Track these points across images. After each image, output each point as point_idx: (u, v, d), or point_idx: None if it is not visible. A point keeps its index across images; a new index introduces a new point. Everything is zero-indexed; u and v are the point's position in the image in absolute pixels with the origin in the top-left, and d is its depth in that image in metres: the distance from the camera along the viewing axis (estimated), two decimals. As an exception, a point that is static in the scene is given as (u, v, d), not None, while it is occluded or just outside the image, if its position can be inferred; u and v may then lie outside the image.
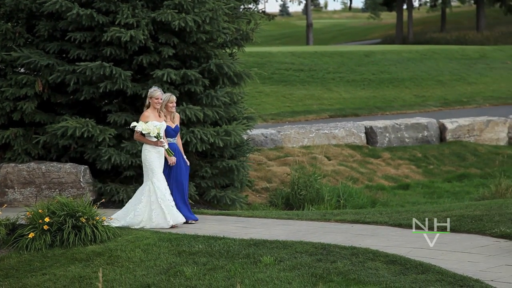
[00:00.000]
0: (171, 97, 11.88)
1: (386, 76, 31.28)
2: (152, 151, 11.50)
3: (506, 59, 35.41)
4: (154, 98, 11.56)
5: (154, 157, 11.48)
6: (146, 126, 11.32)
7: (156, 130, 11.33)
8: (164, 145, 11.52)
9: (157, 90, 11.63)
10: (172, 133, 11.85)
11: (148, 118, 11.47)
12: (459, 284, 7.79)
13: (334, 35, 68.24)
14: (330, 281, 8.13)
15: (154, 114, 11.56)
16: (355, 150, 20.84)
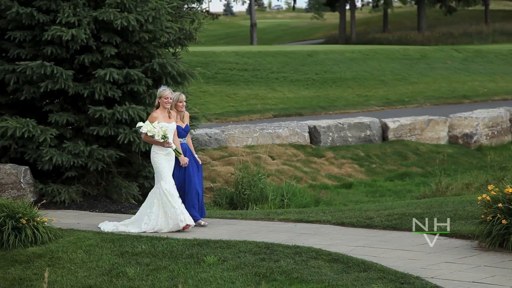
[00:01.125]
0: (181, 96, 11.48)
1: (330, 76, 31.50)
2: (159, 152, 11.07)
3: (446, 59, 35.95)
4: (163, 97, 11.09)
5: (161, 159, 11.06)
6: (151, 128, 10.88)
7: (161, 132, 10.87)
8: (171, 145, 11.07)
9: (166, 89, 11.18)
10: (182, 133, 11.47)
11: (156, 119, 11.03)
12: (400, 282, 7.88)
13: (278, 35, 68.47)
14: (273, 280, 8.15)
15: (164, 115, 11.11)
16: (299, 150, 20.94)
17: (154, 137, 10.88)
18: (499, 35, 48.46)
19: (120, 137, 13.83)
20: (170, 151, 11.06)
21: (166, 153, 11.07)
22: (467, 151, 22.36)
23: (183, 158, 11.29)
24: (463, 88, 31.64)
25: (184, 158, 11.31)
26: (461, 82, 32.64)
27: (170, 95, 11.13)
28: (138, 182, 14.46)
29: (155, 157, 11.06)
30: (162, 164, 11.03)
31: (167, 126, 10.99)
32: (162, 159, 11.04)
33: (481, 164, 20.75)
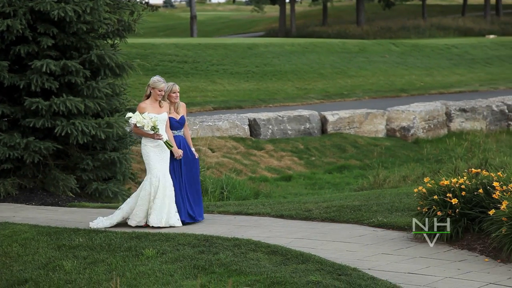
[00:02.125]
0: (174, 87, 10.96)
1: (269, 68, 31.58)
2: (148, 145, 10.63)
3: (384, 53, 36.36)
4: (157, 89, 10.63)
5: (150, 151, 10.63)
6: (141, 118, 10.42)
7: (151, 123, 10.41)
8: (161, 137, 10.60)
9: (161, 81, 10.70)
10: (176, 125, 10.96)
11: (145, 109, 10.56)
12: (337, 273, 7.96)
13: (218, 28, 68.37)
14: (212, 273, 8.15)
15: (153, 106, 10.65)
16: (238, 142, 20.96)
17: (144, 129, 10.46)
18: (436, 30, 49.21)
19: (57, 129, 13.65)
20: (160, 142, 10.62)
21: (155, 145, 10.63)
22: (404, 144, 22.67)
23: (176, 150, 10.80)
24: (400, 81, 32.04)
25: (178, 150, 10.83)
26: (398, 75, 33.05)
27: (164, 87, 10.70)
28: (76, 174, 14.30)
29: (143, 149, 10.68)
30: (150, 157, 10.61)
31: (157, 117, 10.56)
32: (151, 151, 10.63)
33: (417, 156, 21.06)
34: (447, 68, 34.87)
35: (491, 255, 8.69)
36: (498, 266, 8.36)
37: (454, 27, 49.81)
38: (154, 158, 10.61)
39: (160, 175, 10.58)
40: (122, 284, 8.03)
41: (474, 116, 23.86)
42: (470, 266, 8.36)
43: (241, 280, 7.80)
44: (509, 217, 8.49)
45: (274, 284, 7.59)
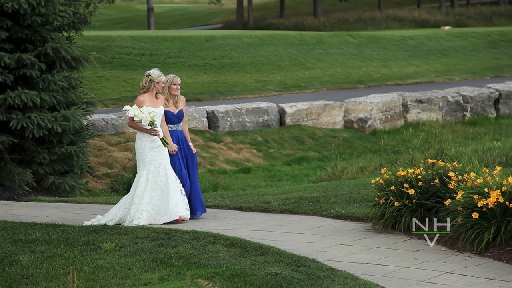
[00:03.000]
0: (175, 79, 10.56)
1: (227, 61, 31.54)
2: (144, 140, 10.24)
3: (341, 44, 36.52)
4: (161, 82, 10.26)
5: (145, 146, 10.23)
6: (139, 112, 9.99)
7: (149, 118, 10.00)
8: (158, 134, 10.18)
9: (161, 74, 10.32)
10: (173, 119, 10.57)
11: (143, 103, 10.15)
12: (296, 264, 7.99)
13: (176, 20, 68.06)
14: (171, 266, 8.13)
15: (151, 99, 10.26)
16: (197, 135, 20.90)
17: (141, 123, 10.05)
18: (392, 21, 49.54)
19: (13, 123, 13.50)
20: (155, 138, 10.23)
21: (151, 140, 10.23)
22: (362, 135, 22.82)
23: (171, 145, 10.44)
24: (357, 73, 32.22)
25: (173, 145, 10.45)
26: (356, 67, 33.23)
27: (164, 79, 10.36)
28: (32, 168, 14.15)
29: (138, 144, 10.30)
30: (146, 153, 10.24)
31: (155, 111, 10.17)
32: (147, 147, 10.25)
33: (375, 148, 21.21)
34: (404, 60, 35.15)
35: (447, 244, 8.80)
36: (454, 255, 8.47)
37: (410, 18, 50.20)
38: (150, 154, 10.24)
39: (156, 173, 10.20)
40: (80, 278, 7.97)
41: (430, 107, 24.09)
42: (427, 256, 8.46)
43: (200, 272, 7.79)
44: (465, 207, 8.61)
45: (233, 276, 7.60)
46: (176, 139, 10.56)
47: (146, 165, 10.25)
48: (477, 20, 50.11)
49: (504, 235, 8.36)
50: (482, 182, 8.69)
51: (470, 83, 28.04)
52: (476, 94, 24.81)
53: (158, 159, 10.26)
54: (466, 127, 23.22)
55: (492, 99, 25.05)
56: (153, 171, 10.24)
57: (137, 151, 10.33)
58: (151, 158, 10.24)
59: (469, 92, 24.86)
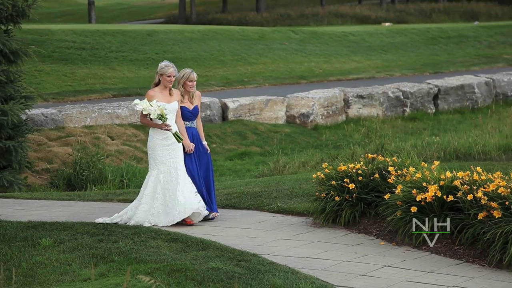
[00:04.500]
0: (192, 74, 10.05)
1: (170, 55, 31.36)
2: (156, 136, 9.76)
3: (283, 40, 36.63)
4: (166, 75, 9.74)
5: (157, 144, 9.75)
6: (147, 106, 9.55)
7: (158, 111, 9.53)
8: (170, 128, 9.68)
9: (169, 65, 9.81)
10: (189, 115, 10.04)
11: (153, 97, 9.70)
12: (237, 259, 8.00)
13: (117, 14, 67.45)
14: (111, 261, 8.07)
15: (163, 93, 9.77)
16: (139, 130, 20.75)
17: (150, 116, 9.60)
18: (334, 17, 49.89)
19: (-51, 118, 13.22)
20: (168, 135, 9.73)
21: (164, 137, 9.75)
22: (304, 131, 22.93)
23: (188, 144, 9.90)
24: (300, 68, 32.36)
25: (190, 143, 9.94)
26: (298, 62, 33.37)
27: (173, 73, 9.80)
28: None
29: (150, 142, 9.84)
30: (157, 151, 9.76)
31: (166, 105, 9.71)
32: (158, 144, 9.76)
33: (317, 143, 21.34)
34: (345, 55, 35.42)
35: (387, 238, 8.91)
36: (393, 249, 8.58)
37: (352, 14, 50.61)
38: (162, 153, 9.76)
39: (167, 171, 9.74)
40: (18, 275, 7.85)
41: (371, 102, 24.32)
42: (366, 250, 8.55)
43: (141, 268, 7.75)
44: (404, 201, 8.72)
45: (174, 272, 7.57)
46: (191, 137, 10.05)
47: (157, 164, 9.76)
48: (417, 16, 50.78)
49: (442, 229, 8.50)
50: (421, 176, 8.81)
51: (410, 79, 28.40)
52: (416, 90, 25.14)
53: (170, 158, 9.77)
54: (406, 122, 23.51)
55: (431, 94, 25.41)
56: (165, 170, 9.75)
57: (148, 149, 9.87)
58: (163, 157, 9.75)
59: (409, 88, 25.17)
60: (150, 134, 9.84)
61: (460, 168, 9.35)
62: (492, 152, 14.30)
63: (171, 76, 9.78)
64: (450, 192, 8.49)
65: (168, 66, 9.79)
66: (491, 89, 26.38)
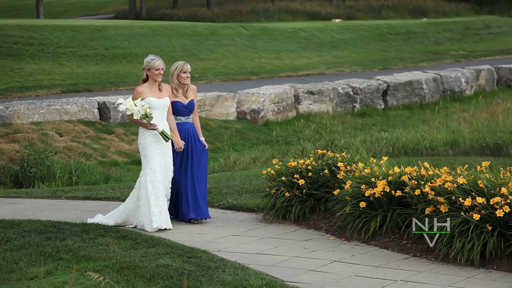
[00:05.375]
0: (185, 66, 9.54)
1: (119, 51, 31.15)
2: (146, 134, 9.27)
3: (234, 36, 36.62)
4: (153, 69, 9.22)
5: (148, 141, 9.24)
6: (131, 105, 9.02)
7: (141, 111, 9.02)
8: (156, 127, 9.19)
9: (155, 58, 9.30)
10: (183, 110, 9.56)
11: (141, 94, 9.18)
12: (187, 256, 7.99)
13: (66, 9, 66.72)
14: (59, 259, 7.98)
15: (152, 90, 9.26)
16: (88, 126, 20.57)
17: (133, 117, 9.11)
18: (284, 13, 50.02)
19: None
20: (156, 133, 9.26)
21: (155, 135, 9.27)
22: (254, 126, 22.95)
23: (178, 141, 9.41)
24: (250, 64, 32.39)
25: (179, 141, 9.44)
26: (248, 59, 33.39)
27: (161, 65, 9.29)
28: None
29: (140, 139, 9.33)
30: (148, 149, 9.25)
31: (155, 103, 9.22)
32: (149, 142, 9.26)
33: (267, 139, 21.38)
34: (296, 52, 35.54)
35: (336, 233, 8.98)
36: (342, 244, 8.65)
37: (302, 11, 50.80)
38: (153, 151, 9.27)
39: (159, 170, 9.29)
40: (-37, 275, 7.73)
41: (321, 98, 24.45)
42: (316, 245, 8.60)
43: (90, 265, 7.68)
44: (353, 196, 8.80)
45: (123, 269, 7.53)
46: (186, 133, 9.60)
47: (149, 162, 9.26)
48: (366, 13, 51.18)
49: (389, 224, 8.59)
50: (370, 172, 8.90)
51: (360, 75, 28.62)
52: (365, 86, 25.34)
53: (162, 156, 9.33)
54: (355, 118, 23.69)
55: (381, 90, 25.64)
56: (159, 170, 9.31)
57: (140, 147, 9.39)
58: (155, 155, 9.28)
59: (358, 84, 25.36)
60: (140, 131, 9.37)
61: (408, 164, 9.47)
62: (440, 147, 14.48)
63: (159, 69, 9.29)
64: (398, 187, 8.58)
65: (154, 59, 9.31)
66: (438, 85, 26.72)
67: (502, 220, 7.76)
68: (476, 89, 27.58)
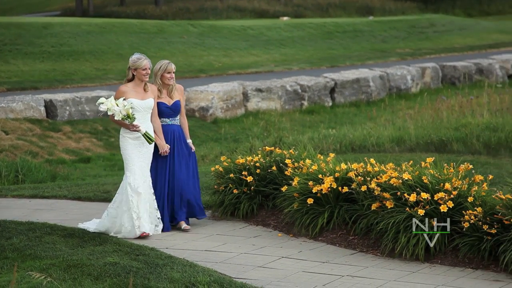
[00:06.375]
0: (169, 66, 9.11)
1: (66, 49, 30.85)
2: (126, 136, 8.85)
3: (182, 33, 36.53)
4: (140, 69, 8.77)
5: (128, 144, 8.83)
6: (112, 105, 8.59)
7: (123, 112, 8.58)
8: (139, 129, 8.74)
9: (142, 57, 8.84)
10: (167, 111, 9.06)
11: (124, 94, 8.75)
12: (135, 253, 7.98)
13: (11, 7, 65.79)
14: (4, 258, 7.90)
15: (136, 90, 8.79)
16: (34, 124, 20.35)
17: (115, 118, 8.68)
18: (233, 11, 50.04)
19: None
20: (139, 134, 8.81)
21: (136, 137, 8.83)
22: (203, 124, 22.94)
23: (162, 145, 8.96)
24: (199, 62, 32.35)
25: (164, 144, 8.98)
26: (197, 56, 33.34)
27: (148, 64, 8.86)
28: None
29: (121, 142, 8.90)
30: (128, 151, 8.81)
31: (137, 104, 8.76)
32: (129, 144, 8.84)
33: (216, 136, 21.40)
34: (244, 49, 35.60)
35: (284, 230, 9.04)
36: (290, 240, 8.72)
37: (250, 8, 50.87)
38: (133, 153, 8.84)
39: (140, 174, 8.84)
40: None
41: (269, 96, 24.53)
42: (264, 242, 8.66)
43: (36, 264, 7.62)
44: (300, 193, 8.87)
45: (70, 267, 7.48)
46: (172, 136, 9.13)
47: (129, 165, 8.82)
48: (314, 11, 51.49)
49: (337, 220, 8.68)
50: (317, 168, 8.97)
51: (308, 72, 28.77)
52: (313, 84, 25.50)
53: (142, 160, 8.90)
54: (303, 115, 23.83)
55: (328, 88, 25.82)
56: (139, 173, 8.86)
57: (121, 150, 8.94)
58: (135, 158, 8.85)
59: (306, 81, 25.51)
60: (121, 133, 8.94)
61: (355, 160, 9.57)
62: (386, 144, 14.65)
63: (146, 69, 8.84)
64: (345, 183, 8.68)
65: (140, 58, 8.85)
66: (385, 82, 27.01)
67: (446, 215, 7.90)
68: (422, 86, 27.95)
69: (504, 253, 7.42)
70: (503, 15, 55.43)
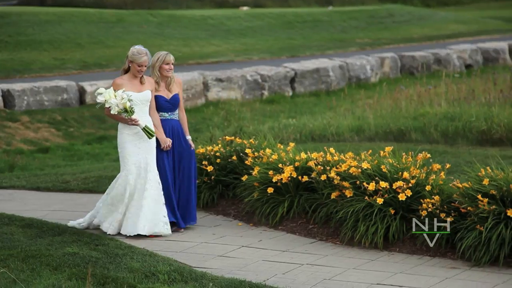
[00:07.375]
0: (167, 57, 8.60)
1: (24, 38, 30.49)
2: (124, 132, 8.40)
3: (142, 23, 36.30)
4: (136, 64, 8.34)
5: (126, 140, 8.39)
6: (110, 97, 8.13)
7: (120, 105, 8.13)
8: (137, 122, 8.31)
9: (142, 52, 8.40)
10: (166, 105, 8.62)
11: (120, 86, 8.31)
12: (94, 244, 7.95)
13: (-32, -6, 64.87)
14: (-39, 250, 7.82)
15: (132, 82, 8.38)
16: (-9, 115, 20.16)
17: (111, 111, 8.22)
18: (193, 0, 49.88)
19: None
20: (139, 130, 8.37)
21: (134, 133, 8.38)
22: (163, 114, 22.90)
23: (164, 139, 8.53)
24: (159, 52, 32.25)
25: (165, 139, 8.56)
26: (157, 46, 33.12)
27: (146, 62, 8.39)
28: None
29: (119, 137, 8.46)
30: (126, 147, 8.39)
31: (133, 97, 8.32)
32: (127, 141, 8.39)
33: (176, 126, 21.35)
34: (204, 39, 35.49)
35: (244, 219, 9.07)
36: (250, 229, 8.75)
37: (211, -2, 50.82)
38: (131, 150, 8.40)
39: (136, 172, 8.41)
40: None
41: (230, 85, 24.51)
42: (224, 231, 8.68)
43: (-6, 255, 7.55)
44: (261, 182, 8.90)
45: (28, 258, 7.43)
46: (170, 131, 8.67)
47: (126, 164, 8.41)
48: (274, 1, 51.50)
49: (296, 209, 8.74)
50: (277, 158, 9.01)
51: (268, 62, 28.79)
52: (274, 73, 25.53)
53: (141, 156, 8.44)
54: (264, 105, 23.86)
55: (288, 78, 25.88)
56: (135, 172, 8.44)
57: (118, 147, 8.49)
58: (133, 155, 8.40)
59: (266, 71, 25.53)
60: (118, 129, 8.47)
61: (315, 149, 9.62)
62: (345, 133, 14.73)
63: (142, 66, 8.40)
64: (305, 172, 8.72)
65: (141, 53, 8.39)
66: (344, 72, 27.15)
67: (404, 203, 7.99)
68: (381, 76, 28.15)
69: (460, 240, 7.53)
70: (461, 5, 56.03)
